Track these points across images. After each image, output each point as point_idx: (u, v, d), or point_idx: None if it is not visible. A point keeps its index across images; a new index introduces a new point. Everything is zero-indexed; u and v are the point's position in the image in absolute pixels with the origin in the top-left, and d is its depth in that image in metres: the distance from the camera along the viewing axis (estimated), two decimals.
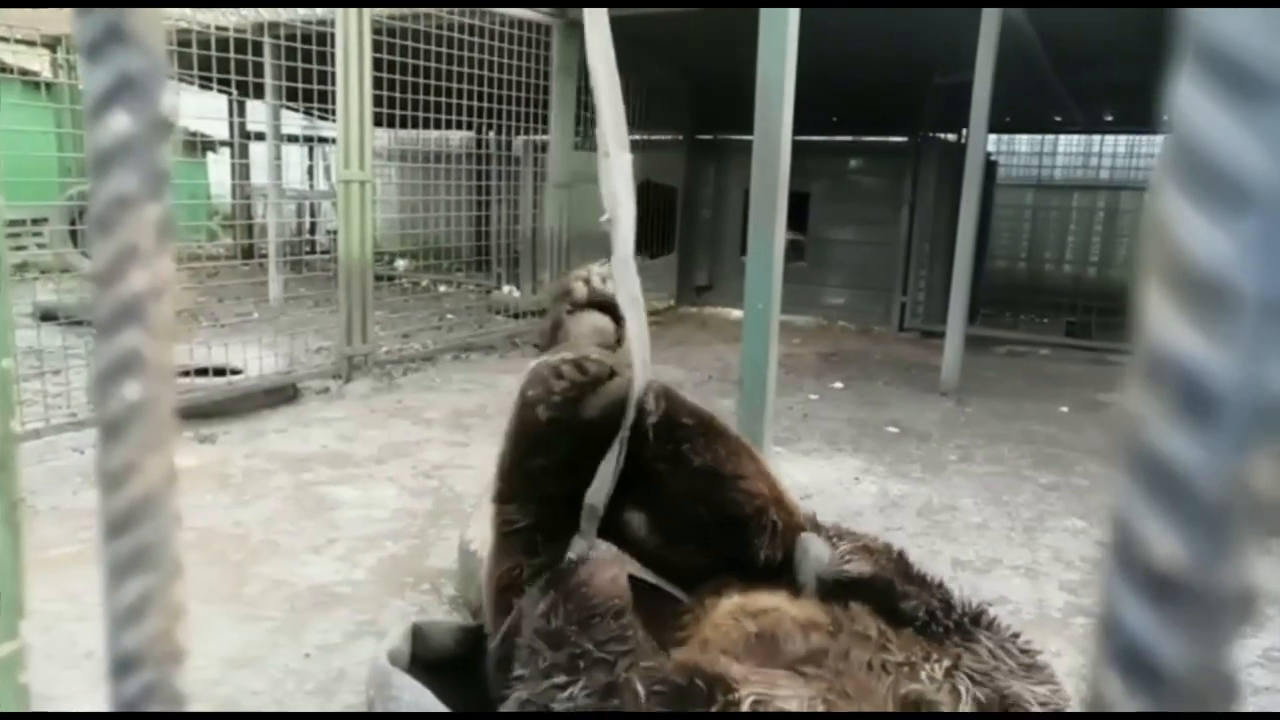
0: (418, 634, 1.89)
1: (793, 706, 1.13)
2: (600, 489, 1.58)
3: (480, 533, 2.81)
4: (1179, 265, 0.19)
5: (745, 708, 1.13)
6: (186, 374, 4.79)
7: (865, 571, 1.49)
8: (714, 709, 1.14)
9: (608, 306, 1.62)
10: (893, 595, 1.44)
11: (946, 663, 1.27)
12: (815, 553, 1.55)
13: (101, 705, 0.35)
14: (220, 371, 5.01)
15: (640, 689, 1.19)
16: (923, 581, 1.48)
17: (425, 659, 1.87)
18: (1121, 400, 0.21)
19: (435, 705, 1.61)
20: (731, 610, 1.44)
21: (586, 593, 1.42)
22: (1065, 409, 5.71)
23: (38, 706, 2.12)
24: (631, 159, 1.78)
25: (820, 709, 1.14)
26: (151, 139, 0.31)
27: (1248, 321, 0.19)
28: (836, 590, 1.49)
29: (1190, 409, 0.20)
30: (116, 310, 0.32)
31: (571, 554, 1.52)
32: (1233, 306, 0.19)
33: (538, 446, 1.57)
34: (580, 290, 1.60)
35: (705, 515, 1.59)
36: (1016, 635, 1.39)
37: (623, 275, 1.70)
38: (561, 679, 1.28)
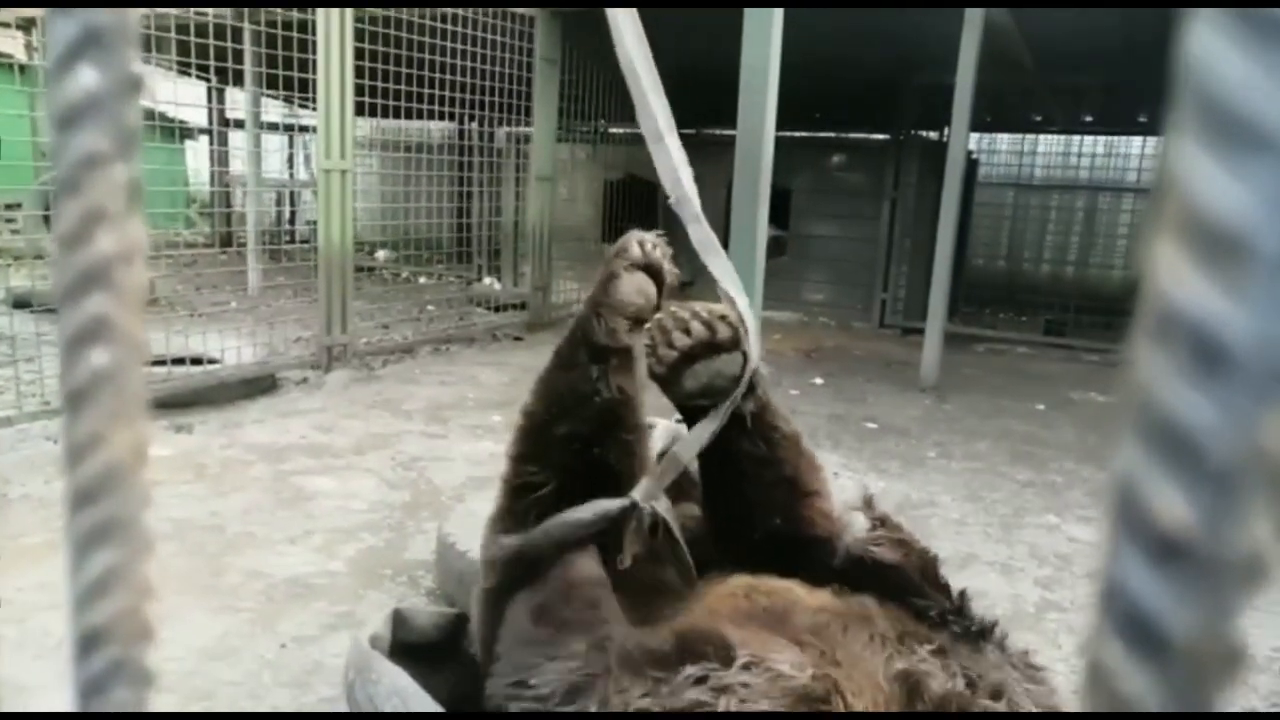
0: (399, 619, 1.88)
1: (785, 669, 1.14)
2: (691, 445, 1.54)
3: (459, 526, 2.80)
4: (1192, 218, 0.19)
5: (738, 667, 1.14)
6: (163, 363, 4.74)
7: (889, 559, 1.48)
8: (706, 666, 1.15)
9: (655, 271, 1.60)
10: (909, 590, 1.44)
11: (937, 644, 1.27)
12: (855, 527, 1.55)
13: (70, 690, 0.33)
14: (197, 361, 4.95)
15: (628, 647, 1.20)
16: (945, 589, 1.47)
17: (406, 644, 1.86)
18: (1130, 357, 0.20)
19: (415, 690, 1.60)
20: (742, 586, 1.45)
21: (565, 572, 1.42)
22: (1042, 407, 5.75)
23: (10, 696, 2.09)
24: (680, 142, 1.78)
25: (810, 675, 1.14)
26: (120, 96, 0.30)
27: (1263, 276, 0.18)
28: (857, 568, 1.49)
29: (1202, 366, 0.19)
30: (83, 275, 0.31)
31: (636, 494, 1.50)
32: (1248, 260, 0.18)
33: (571, 410, 1.52)
34: (635, 250, 1.59)
35: (781, 528, 1.57)
36: (1026, 652, 1.39)
37: (708, 246, 1.70)
38: (543, 647, 1.29)
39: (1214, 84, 0.18)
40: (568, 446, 1.52)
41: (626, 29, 1.71)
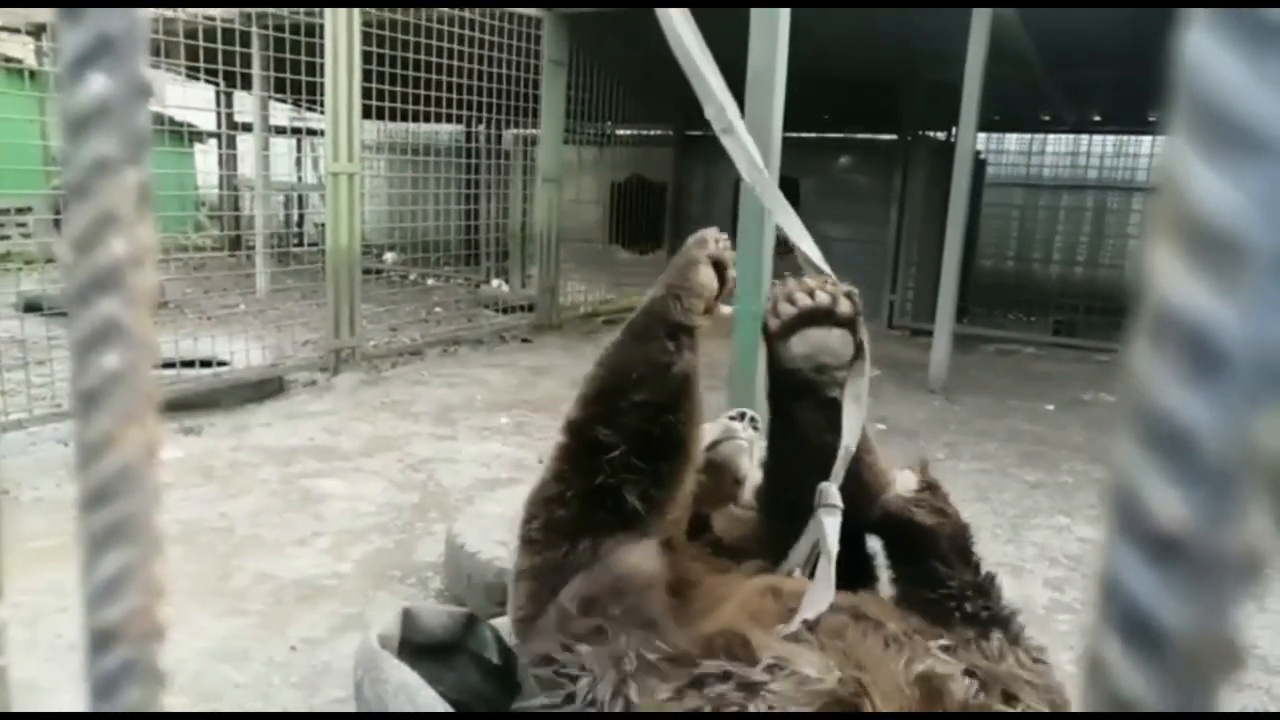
0: (408, 618, 1.88)
1: (810, 673, 1.16)
2: (854, 433, 1.58)
3: (468, 527, 2.81)
4: (1187, 219, 0.19)
5: (761, 668, 1.16)
6: (172, 366, 4.76)
7: (926, 523, 1.53)
8: (732, 664, 1.17)
9: (721, 266, 1.69)
10: (936, 557, 1.49)
11: (946, 641, 1.29)
12: (902, 485, 1.59)
13: (83, 690, 0.34)
14: (206, 364, 4.98)
15: (662, 651, 1.23)
16: (974, 567, 1.51)
17: (415, 643, 1.87)
18: (1129, 357, 0.21)
19: (422, 688, 1.61)
20: (764, 586, 1.47)
21: (618, 567, 1.46)
22: (1051, 407, 5.73)
23: (22, 698, 2.10)
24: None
25: (837, 678, 1.16)
26: (130, 102, 0.30)
27: (1257, 277, 0.19)
28: (890, 525, 1.53)
29: (1197, 366, 0.19)
30: (94, 278, 0.31)
31: (822, 494, 1.54)
32: (1242, 261, 0.19)
33: (647, 379, 1.57)
34: (712, 245, 1.68)
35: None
36: (1035, 646, 1.40)
37: (795, 230, 1.76)
38: (583, 638, 1.34)
39: (1208, 87, 0.19)
40: (643, 412, 1.57)
41: (683, 28, 1.75)
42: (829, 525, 1.48)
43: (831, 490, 1.54)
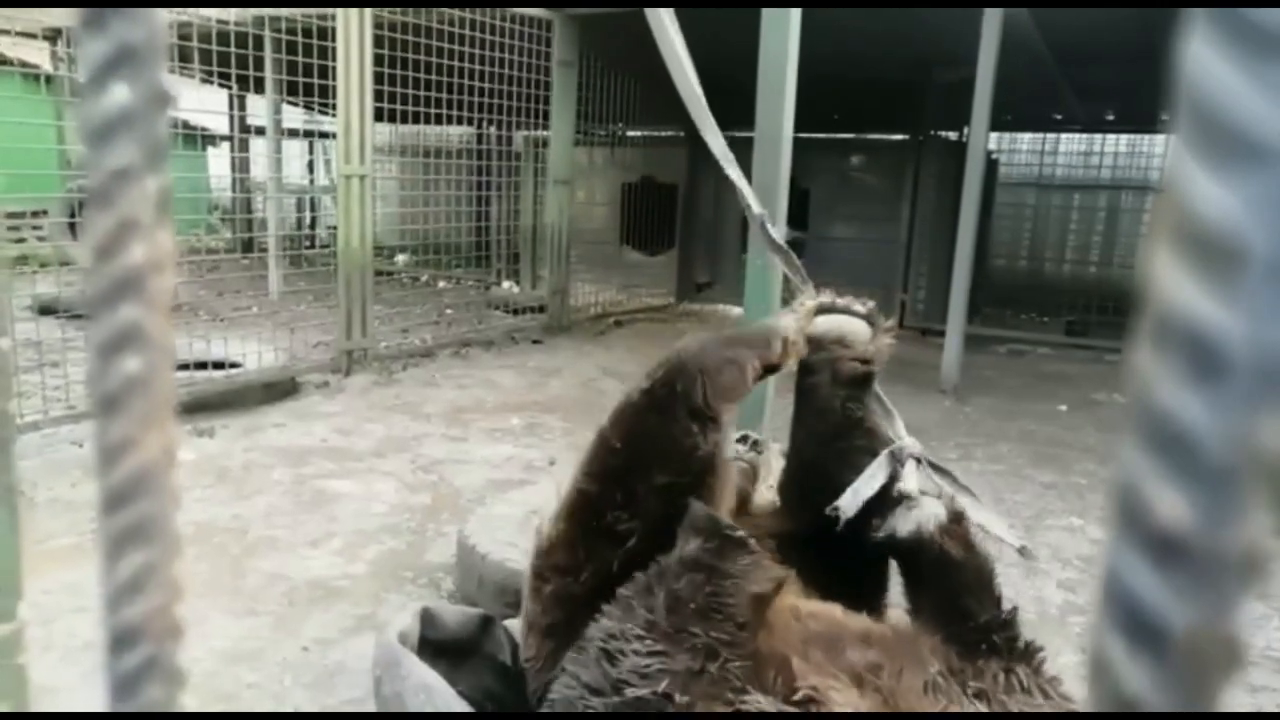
0: (427, 616, 1.89)
1: (849, 709, 1.16)
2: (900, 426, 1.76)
3: (479, 528, 2.82)
4: (1188, 225, 0.19)
5: (798, 700, 1.16)
6: (185, 367, 4.79)
7: (954, 556, 1.51)
8: (772, 694, 1.17)
9: (774, 369, 1.66)
10: (964, 590, 1.46)
11: (980, 686, 1.28)
12: (930, 512, 1.55)
13: (101, 694, 0.34)
14: (219, 365, 5.00)
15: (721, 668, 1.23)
16: (996, 601, 1.49)
17: (433, 642, 1.87)
18: (1132, 360, 0.21)
19: (442, 687, 1.62)
20: (789, 607, 1.43)
21: (730, 585, 1.36)
22: (1064, 408, 5.71)
23: (37, 698, 2.12)
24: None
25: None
26: (151, 111, 0.31)
27: (1256, 282, 0.19)
28: (920, 553, 1.51)
29: (1198, 369, 0.19)
30: (115, 284, 0.32)
31: (901, 442, 1.62)
32: (1241, 267, 0.19)
33: (672, 461, 1.48)
34: (775, 351, 1.61)
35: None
36: (1056, 678, 1.39)
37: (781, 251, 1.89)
38: (657, 645, 1.28)
39: (1208, 95, 0.19)
40: (665, 496, 1.48)
41: (673, 29, 1.79)
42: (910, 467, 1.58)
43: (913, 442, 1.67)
